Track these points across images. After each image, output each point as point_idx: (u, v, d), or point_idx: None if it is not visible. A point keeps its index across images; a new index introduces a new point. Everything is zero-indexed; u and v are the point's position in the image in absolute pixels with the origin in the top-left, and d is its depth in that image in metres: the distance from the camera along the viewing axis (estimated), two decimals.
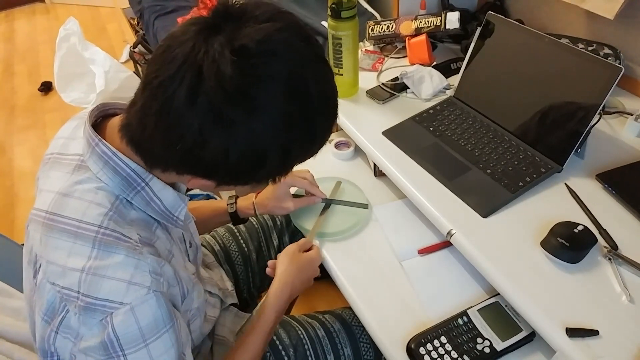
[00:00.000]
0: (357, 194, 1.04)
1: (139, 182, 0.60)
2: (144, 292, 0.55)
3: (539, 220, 0.80)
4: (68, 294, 0.54)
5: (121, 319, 0.54)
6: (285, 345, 0.88)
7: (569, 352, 0.64)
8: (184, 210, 0.67)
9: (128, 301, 0.54)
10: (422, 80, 1.12)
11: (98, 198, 0.58)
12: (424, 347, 0.76)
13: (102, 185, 0.59)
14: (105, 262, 0.54)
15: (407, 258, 0.92)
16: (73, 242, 0.55)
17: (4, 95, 2.91)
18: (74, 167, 0.60)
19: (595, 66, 0.84)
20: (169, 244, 0.66)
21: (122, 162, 0.59)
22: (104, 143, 0.59)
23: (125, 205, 0.60)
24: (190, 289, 0.69)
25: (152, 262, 0.58)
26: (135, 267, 0.55)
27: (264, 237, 1.10)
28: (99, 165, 0.59)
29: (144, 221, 0.62)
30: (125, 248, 0.56)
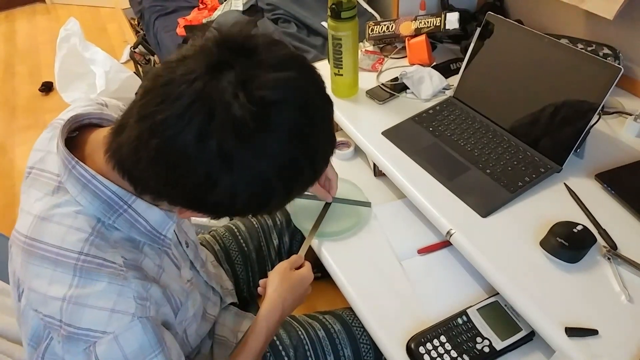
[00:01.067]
0: (358, 193, 1.05)
1: (120, 205, 0.58)
2: (128, 319, 0.54)
3: (539, 220, 0.81)
4: (51, 322, 0.53)
5: (105, 348, 0.53)
6: (285, 345, 0.88)
7: (568, 352, 0.64)
8: (171, 228, 0.65)
9: (111, 330, 0.53)
10: (421, 80, 1.12)
11: (77, 223, 0.56)
12: (423, 346, 0.76)
13: (81, 208, 0.56)
14: (86, 290, 0.53)
15: (406, 258, 0.92)
16: (53, 270, 0.53)
17: (4, 95, 2.92)
18: (53, 189, 0.58)
19: (595, 66, 0.84)
20: (158, 258, 0.64)
21: (102, 185, 0.56)
22: (81, 165, 0.56)
23: (108, 227, 0.58)
24: (184, 300, 0.68)
25: (137, 287, 0.56)
26: (119, 294, 0.54)
27: (264, 236, 1.10)
28: (77, 189, 0.57)
29: (129, 241, 0.60)
30: (107, 275, 0.54)
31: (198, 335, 0.79)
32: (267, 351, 0.87)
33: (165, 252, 0.67)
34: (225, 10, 2.03)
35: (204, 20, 2.08)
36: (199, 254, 0.83)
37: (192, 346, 0.78)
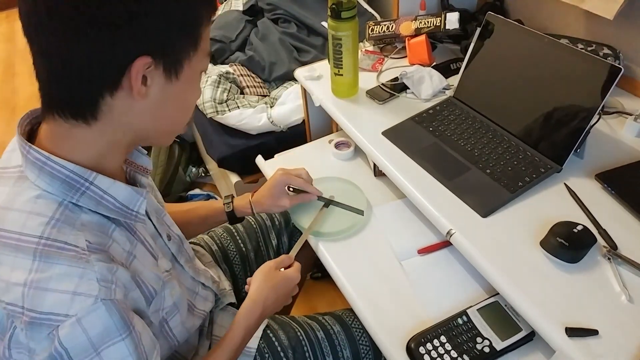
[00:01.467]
0: (358, 196, 1.05)
1: (81, 183, 0.57)
2: (91, 301, 0.53)
3: (539, 220, 0.81)
4: (13, 310, 0.53)
5: (67, 331, 0.52)
6: (284, 346, 0.88)
7: (568, 352, 0.64)
8: (143, 204, 0.64)
9: (73, 313, 0.52)
10: (421, 80, 1.12)
11: (37, 207, 0.55)
12: (423, 346, 0.76)
13: (41, 192, 0.56)
14: (46, 274, 0.52)
15: (406, 258, 0.92)
16: (14, 256, 0.53)
17: (5, 95, 2.92)
18: (15, 179, 0.58)
19: (595, 66, 0.84)
20: (129, 244, 0.63)
21: (58, 165, 0.56)
22: (34, 149, 0.56)
23: (73, 209, 0.57)
24: (159, 289, 0.67)
25: (101, 269, 0.55)
26: (80, 277, 0.53)
27: (262, 236, 1.10)
28: (34, 173, 0.56)
29: (97, 224, 0.59)
30: (68, 258, 0.53)
31: (185, 329, 0.77)
32: (265, 352, 0.87)
33: (140, 241, 0.66)
34: (225, 10, 2.03)
35: None
36: (184, 249, 0.82)
37: (178, 339, 0.76)
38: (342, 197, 1.03)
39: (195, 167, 2.07)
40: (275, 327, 0.90)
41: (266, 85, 1.76)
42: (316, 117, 1.35)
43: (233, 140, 1.58)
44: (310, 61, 1.57)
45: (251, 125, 1.56)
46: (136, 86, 0.54)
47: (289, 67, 1.69)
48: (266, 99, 1.68)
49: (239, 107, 1.59)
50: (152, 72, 0.55)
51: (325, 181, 1.07)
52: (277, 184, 0.97)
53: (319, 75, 1.21)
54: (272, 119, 1.55)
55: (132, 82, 0.54)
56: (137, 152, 0.72)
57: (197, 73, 0.62)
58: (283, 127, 1.57)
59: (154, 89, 0.57)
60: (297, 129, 1.55)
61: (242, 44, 1.85)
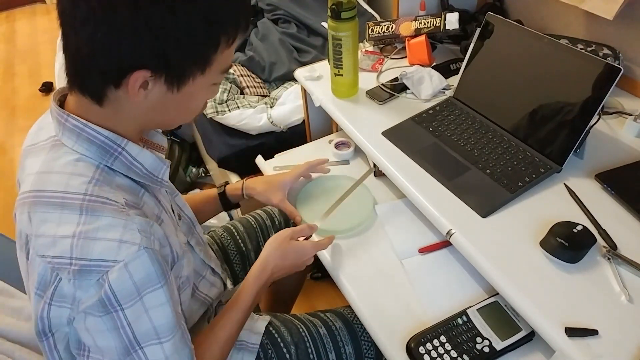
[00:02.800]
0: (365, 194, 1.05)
1: (115, 148, 0.62)
2: (135, 248, 0.57)
3: (538, 220, 0.81)
4: (60, 262, 0.56)
5: (116, 275, 0.56)
6: (287, 342, 0.88)
7: (568, 352, 0.64)
8: (166, 172, 0.69)
9: (121, 258, 0.56)
10: (421, 80, 1.12)
11: (78, 169, 0.59)
12: (423, 346, 0.76)
13: (80, 156, 0.60)
14: (94, 225, 0.56)
15: (407, 257, 0.92)
16: (60, 213, 0.57)
17: (4, 95, 2.92)
18: (49, 148, 0.62)
19: (595, 67, 0.84)
20: (157, 209, 0.68)
21: (94, 131, 0.60)
22: (73, 117, 0.60)
23: (108, 172, 0.62)
24: (181, 255, 0.70)
25: (140, 221, 0.59)
26: (124, 227, 0.57)
27: (262, 236, 1.10)
28: (72, 139, 0.61)
29: (130, 187, 0.64)
30: (111, 211, 0.58)
31: (189, 308, 0.80)
32: (268, 348, 0.87)
33: (163, 208, 0.70)
34: None
35: None
36: (195, 231, 0.84)
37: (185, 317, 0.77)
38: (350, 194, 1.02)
39: (195, 167, 2.07)
40: (277, 324, 0.91)
41: (266, 86, 1.76)
42: (316, 117, 1.35)
43: (233, 140, 1.58)
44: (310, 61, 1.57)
45: (251, 125, 1.56)
46: (132, 91, 0.58)
47: (289, 68, 1.69)
48: (266, 99, 1.68)
49: (239, 108, 1.59)
50: (153, 80, 0.58)
51: (335, 179, 1.07)
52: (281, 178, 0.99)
53: (319, 75, 1.21)
54: (272, 119, 1.56)
55: (129, 87, 0.57)
56: (152, 130, 0.75)
57: (205, 86, 0.64)
58: (283, 127, 1.57)
59: (153, 94, 0.60)
60: (297, 129, 1.55)
61: (242, 44, 1.86)
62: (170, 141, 2.06)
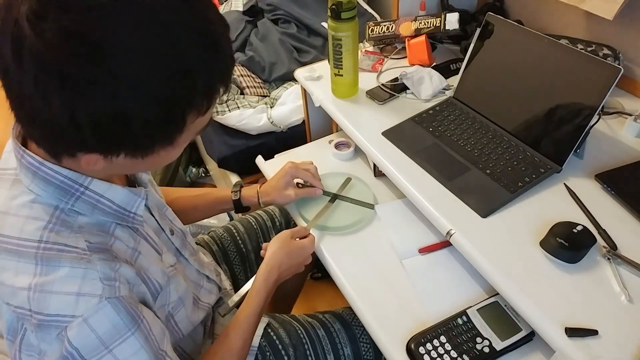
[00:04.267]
0: (366, 192, 1.05)
1: (76, 188, 0.57)
2: (96, 301, 0.54)
3: (538, 220, 0.81)
4: (22, 313, 0.53)
5: (75, 331, 0.53)
6: (285, 344, 0.88)
7: (568, 352, 0.64)
8: (141, 205, 0.64)
9: (80, 313, 0.53)
10: (421, 81, 1.12)
11: (34, 212, 0.55)
12: (423, 346, 0.76)
13: (35, 197, 0.56)
14: (49, 277, 0.53)
15: (407, 257, 0.92)
16: (17, 261, 0.54)
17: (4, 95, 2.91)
18: (12, 182, 0.58)
19: (595, 67, 0.84)
20: (132, 241, 0.64)
21: (52, 171, 0.56)
22: (29, 154, 0.56)
23: (69, 213, 0.57)
24: (164, 284, 0.67)
25: (103, 268, 0.55)
26: (83, 278, 0.54)
27: (263, 237, 1.10)
28: (29, 178, 0.56)
29: (97, 225, 0.59)
30: (69, 259, 0.54)
31: (190, 323, 0.78)
32: (266, 350, 0.87)
33: (143, 237, 0.67)
34: (226, 10, 2.03)
35: None
36: (187, 242, 0.83)
37: (183, 333, 0.77)
38: (350, 193, 1.04)
39: (195, 167, 2.07)
40: (276, 326, 0.91)
41: (266, 86, 1.76)
42: (316, 118, 1.35)
43: (233, 140, 1.58)
44: (310, 61, 1.57)
45: (251, 125, 1.56)
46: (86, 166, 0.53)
47: (289, 68, 1.69)
48: (266, 99, 1.68)
49: (239, 108, 1.59)
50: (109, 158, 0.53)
51: (334, 176, 1.08)
52: (284, 174, 0.99)
53: (319, 75, 1.21)
54: (272, 119, 1.56)
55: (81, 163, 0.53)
56: None
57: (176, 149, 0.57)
58: (283, 127, 1.57)
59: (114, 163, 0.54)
60: (297, 129, 1.55)
61: (242, 44, 1.86)
62: None
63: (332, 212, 1.00)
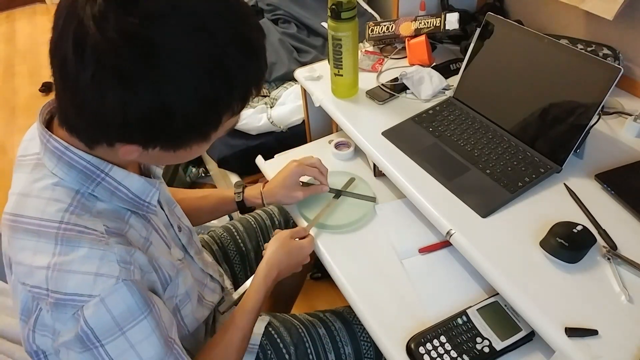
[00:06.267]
0: (366, 188, 1.06)
1: (97, 174, 0.59)
2: (113, 282, 0.55)
3: (538, 220, 0.81)
4: (38, 292, 0.55)
5: (92, 311, 0.54)
6: (286, 343, 0.88)
7: (568, 352, 0.64)
8: (155, 195, 0.67)
9: (97, 293, 0.54)
10: (421, 80, 1.12)
11: (56, 194, 0.57)
12: (423, 346, 0.76)
13: (59, 180, 0.58)
14: (69, 257, 0.54)
15: (407, 257, 0.92)
16: (37, 241, 0.55)
17: (4, 95, 2.92)
18: (32, 167, 0.60)
19: (595, 67, 0.84)
20: (145, 231, 0.66)
21: (76, 156, 0.58)
22: (55, 138, 0.58)
23: (89, 198, 0.59)
24: (174, 276, 0.69)
25: (120, 251, 0.57)
26: (101, 259, 0.55)
27: (262, 236, 1.10)
28: (53, 162, 0.59)
29: (113, 212, 0.62)
30: (88, 241, 0.55)
31: (195, 319, 0.79)
32: (267, 349, 0.87)
33: (154, 228, 0.68)
34: None
35: None
36: (193, 241, 0.84)
37: (189, 329, 0.77)
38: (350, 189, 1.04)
39: (195, 167, 2.07)
40: (276, 324, 0.91)
41: (266, 86, 1.76)
42: (316, 118, 1.35)
43: (233, 140, 1.58)
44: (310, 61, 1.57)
45: (251, 125, 1.56)
46: (124, 154, 0.56)
47: (289, 68, 1.69)
48: (266, 100, 1.68)
49: None
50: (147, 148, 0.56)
51: (336, 175, 1.08)
52: (291, 174, 0.97)
53: (319, 75, 1.21)
54: (272, 119, 1.56)
55: (120, 152, 0.56)
56: None
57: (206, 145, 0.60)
58: (283, 127, 1.57)
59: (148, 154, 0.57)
60: (297, 129, 1.55)
61: None
62: None
63: (333, 210, 1.00)
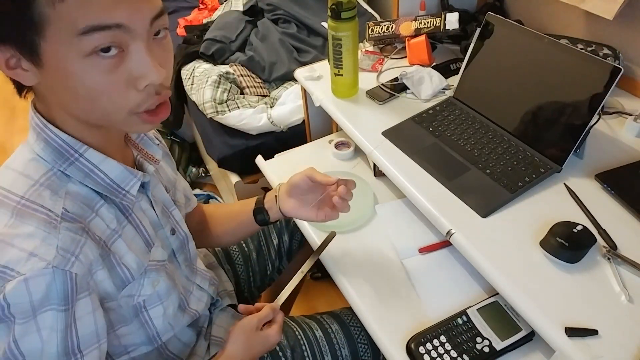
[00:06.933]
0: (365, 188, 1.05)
1: (71, 153, 0.60)
2: (42, 265, 0.54)
3: (538, 220, 0.81)
4: None
5: (13, 286, 0.53)
6: (282, 346, 0.88)
7: (568, 352, 0.64)
8: (136, 185, 0.66)
9: (24, 272, 0.53)
10: (421, 80, 1.12)
11: (28, 169, 0.59)
12: (423, 346, 0.76)
13: (35, 157, 0.60)
14: (15, 230, 0.55)
15: (408, 257, 0.92)
16: None
17: (4, 95, 2.92)
18: (23, 145, 0.63)
19: (595, 66, 0.84)
20: (116, 223, 0.64)
21: (52, 133, 0.59)
22: (37, 116, 0.60)
23: (61, 177, 0.60)
24: (137, 275, 0.66)
25: (65, 237, 0.56)
26: (42, 240, 0.55)
27: (264, 236, 1.10)
28: (33, 138, 0.61)
29: (84, 197, 0.61)
30: (38, 220, 0.56)
31: (169, 324, 0.75)
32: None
33: (133, 224, 0.67)
34: (226, 10, 2.03)
35: (204, 21, 2.08)
36: (187, 248, 0.81)
37: (158, 332, 0.73)
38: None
39: (195, 167, 2.07)
40: None
41: (266, 86, 1.76)
42: (316, 117, 1.35)
43: (233, 140, 1.58)
44: (310, 61, 1.57)
45: (251, 125, 1.56)
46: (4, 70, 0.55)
47: (289, 68, 1.69)
48: (266, 99, 1.68)
49: (239, 108, 1.59)
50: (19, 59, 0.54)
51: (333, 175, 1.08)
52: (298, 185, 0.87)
53: (319, 75, 1.21)
54: (272, 119, 1.56)
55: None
56: (147, 139, 0.74)
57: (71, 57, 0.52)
58: (283, 127, 1.57)
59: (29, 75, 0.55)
60: (297, 129, 1.55)
61: (242, 44, 1.86)
62: (170, 141, 2.06)
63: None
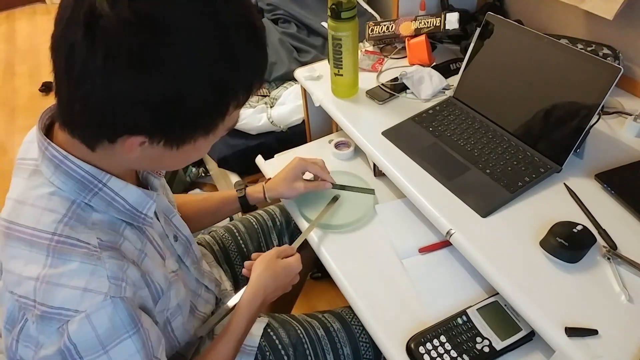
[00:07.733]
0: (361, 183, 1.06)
1: (95, 184, 0.58)
2: (100, 298, 0.54)
3: (538, 220, 0.81)
4: (25, 303, 0.54)
5: (77, 326, 0.53)
6: (284, 344, 0.88)
7: (568, 352, 0.64)
8: (152, 207, 0.66)
9: (83, 309, 0.53)
10: (421, 80, 1.12)
11: (52, 204, 0.56)
12: (423, 346, 0.76)
13: (56, 190, 0.57)
14: (59, 270, 0.53)
15: (407, 256, 0.92)
16: (29, 251, 0.54)
17: (4, 95, 2.92)
18: (30, 172, 0.59)
19: (595, 66, 0.84)
20: (140, 243, 0.65)
21: (74, 165, 0.57)
22: (53, 146, 0.57)
23: (85, 208, 0.58)
24: (166, 289, 0.67)
25: (112, 266, 0.56)
26: (91, 274, 0.54)
27: (264, 237, 1.10)
28: (50, 170, 0.57)
29: (108, 223, 0.60)
30: (80, 255, 0.55)
31: (185, 330, 0.78)
32: (266, 350, 0.87)
33: (149, 240, 0.67)
34: None
35: None
36: (192, 250, 0.82)
37: (179, 341, 0.76)
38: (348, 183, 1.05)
39: (195, 167, 2.07)
40: (275, 326, 0.91)
41: (266, 86, 1.76)
42: (316, 117, 1.35)
43: (233, 140, 1.58)
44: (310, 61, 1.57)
45: (251, 125, 1.56)
46: (127, 149, 0.55)
47: (289, 67, 1.69)
48: (266, 99, 1.68)
49: None
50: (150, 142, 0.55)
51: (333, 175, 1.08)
52: (294, 168, 0.99)
53: (319, 75, 1.21)
54: (272, 119, 1.56)
55: (124, 146, 0.55)
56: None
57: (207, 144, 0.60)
58: (283, 127, 1.57)
59: (149, 150, 0.56)
60: (297, 129, 1.55)
61: None
62: None
63: (334, 210, 1.00)
